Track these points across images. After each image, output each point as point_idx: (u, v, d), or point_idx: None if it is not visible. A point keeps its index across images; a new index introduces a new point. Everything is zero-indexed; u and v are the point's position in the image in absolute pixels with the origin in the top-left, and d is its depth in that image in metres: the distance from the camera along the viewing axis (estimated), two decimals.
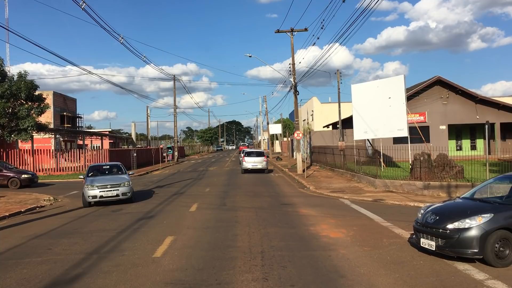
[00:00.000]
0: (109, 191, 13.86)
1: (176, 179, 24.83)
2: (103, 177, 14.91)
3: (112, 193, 13.89)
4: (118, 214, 12.49)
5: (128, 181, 14.52)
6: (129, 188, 14.37)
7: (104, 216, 12.31)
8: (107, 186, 13.99)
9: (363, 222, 10.53)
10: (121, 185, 14.16)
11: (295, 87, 25.51)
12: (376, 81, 22.61)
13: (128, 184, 14.35)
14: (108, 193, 13.84)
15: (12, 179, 21.75)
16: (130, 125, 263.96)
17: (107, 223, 11.12)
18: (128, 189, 14.30)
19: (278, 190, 18.04)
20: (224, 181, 22.65)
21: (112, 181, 14.39)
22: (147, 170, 33.73)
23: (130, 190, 14.38)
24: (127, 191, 14.24)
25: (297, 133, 25.49)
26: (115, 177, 15.01)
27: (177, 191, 17.99)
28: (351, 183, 19.25)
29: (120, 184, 14.17)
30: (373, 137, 22.73)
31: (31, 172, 23.82)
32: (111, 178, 14.88)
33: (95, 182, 14.17)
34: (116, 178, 14.72)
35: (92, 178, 14.63)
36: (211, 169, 33.51)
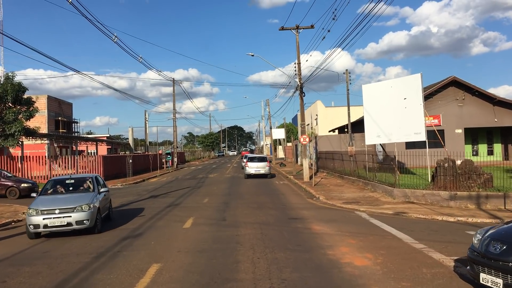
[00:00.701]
0: (57, 218, 9.75)
1: (173, 187, 23.06)
2: (56, 197, 10.97)
3: (62, 221, 9.76)
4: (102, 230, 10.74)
5: (89, 203, 10.23)
6: (89, 214, 10.03)
7: None
8: (55, 211, 9.85)
9: (390, 243, 8.72)
10: (76, 210, 9.91)
11: (301, 88, 23.79)
12: (389, 81, 20.85)
13: (89, 208, 10.08)
14: (56, 221, 9.73)
15: (10, 189, 20.07)
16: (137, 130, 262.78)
17: (84, 244, 9.36)
18: (87, 215, 9.98)
19: (284, 200, 16.24)
20: (225, 190, 20.86)
21: (65, 203, 10.24)
22: (144, 177, 31.99)
23: (89, 217, 10.04)
24: (84, 217, 9.92)
25: (303, 137, 23.74)
26: (74, 196, 10.80)
27: (172, 202, 16.21)
28: (365, 193, 17.44)
29: (75, 209, 9.93)
30: (387, 142, 20.92)
31: (31, 181, 22.04)
32: (66, 198, 10.77)
33: (41, 204, 10.21)
34: (72, 199, 10.55)
35: (43, 198, 10.82)
36: (211, 176, 31.72)
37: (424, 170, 19.72)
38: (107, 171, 30.24)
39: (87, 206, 10.12)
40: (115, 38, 23.35)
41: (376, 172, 20.16)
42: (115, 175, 31.63)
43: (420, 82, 19.34)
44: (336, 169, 26.63)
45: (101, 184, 12.20)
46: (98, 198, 10.89)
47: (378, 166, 21.37)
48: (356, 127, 34.09)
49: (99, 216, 10.63)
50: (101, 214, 10.83)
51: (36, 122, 44.64)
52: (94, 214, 10.23)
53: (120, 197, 19.18)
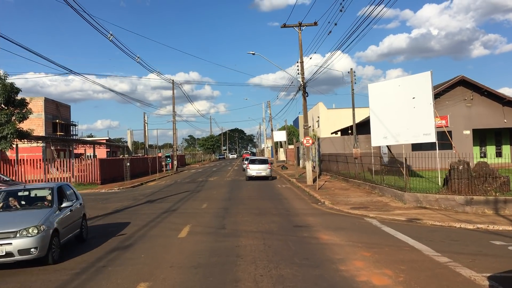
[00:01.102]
0: None
1: (171, 191, 22.13)
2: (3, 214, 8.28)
3: None
4: (87, 240, 9.80)
5: (39, 224, 7.54)
6: (38, 240, 7.33)
7: None
8: None
9: (409, 256, 7.77)
10: (20, 235, 7.31)
11: (303, 88, 22.88)
12: (397, 79, 19.93)
13: (38, 231, 7.40)
14: None
15: None
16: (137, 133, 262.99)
17: (62, 256, 8.41)
18: (35, 241, 7.30)
19: (287, 205, 15.29)
20: (225, 194, 19.91)
21: (5, 225, 7.58)
22: (142, 180, 31.06)
23: (39, 243, 7.33)
24: (30, 245, 7.26)
25: (306, 139, 22.80)
26: (21, 215, 8.17)
27: (168, 208, 15.27)
28: (372, 197, 16.48)
29: (17, 233, 7.32)
30: (394, 143, 19.98)
31: None
32: (10, 217, 8.04)
33: None
34: (17, 219, 7.87)
35: None
36: (211, 179, 30.77)
37: (432, 173, 18.76)
38: (104, 175, 29.34)
39: (35, 228, 7.40)
40: (110, 36, 22.52)
41: (380, 175, 19.25)
42: (112, 178, 30.73)
43: (430, 81, 18.43)
44: (340, 172, 25.67)
45: (66, 196, 9.41)
46: (56, 217, 8.24)
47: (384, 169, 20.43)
48: (360, 129, 33.15)
49: (57, 241, 7.91)
50: (60, 239, 8.08)
51: (33, 125, 43.81)
52: (46, 239, 7.47)
53: (115, 202, 18.27)
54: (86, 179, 28.14)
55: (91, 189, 25.30)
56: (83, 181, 28.03)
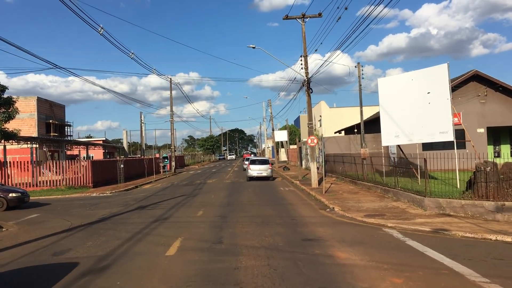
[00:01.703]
0: None
1: (166, 195, 20.56)
2: None
3: None
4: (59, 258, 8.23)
5: None
6: None
7: (34, 262, 8.02)
8: None
9: (452, 283, 6.19)
10: None
11: (308, 84, 21.29)
12: (410, 73, 18.34)
13: None
14: None
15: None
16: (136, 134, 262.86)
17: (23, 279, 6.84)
18: None
19: (293, 212, 13.69)
20: (223, 198, 18.33)
21: None
22: (138, 183, 29.49)
23: None
24: None
25: (311, 138, 21.23)
26: None
27: (160, 216, 13.69)
28: (386, 202, 14.90)
29: None
30: (407, 143, 18.41)
31: (21, 190, 19.06)
32: None
33: None
34: None
35: None
36: (209, 181, 29.17)
37: (446, 174, 17.21)
38: (97, 177, 27.77)
39: None
40: (101, 30, 21.08)
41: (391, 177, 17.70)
42: (106, 181, 29.17)
43: (446, 74, 16.88)
44: (346, 173, 24.10)
45: None
46: None
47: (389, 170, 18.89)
48: (367, 128, 31.56)
49: None
50: None
51: (25, 125, 42.28)
52: None
53: (103, 208, 16.71)
54: (77, 182, 26.57)
55: (82, 193, 23.73)
56: (74, 184, 26.46)
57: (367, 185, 19.13)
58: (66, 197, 22.37)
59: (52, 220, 14.06)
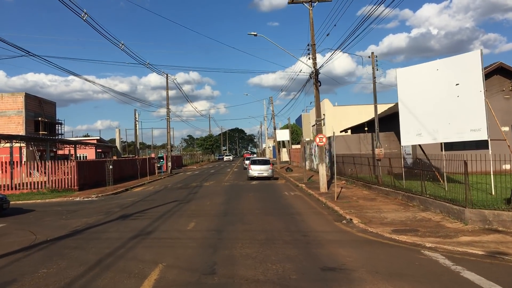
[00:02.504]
0: None
1: (156, 201, 18.24)
2: None
3: None
4: None
5: None
6: None
7: None
8: None
9: None
10: None
11: (316, 76, 18.97)
12: (435, 62, 16.00)
13: None
14: None
15: None
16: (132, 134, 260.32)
17: None
18: None
19: (303, 225, 11.35)
20: (220, 206, 15.99)
21: None
22: (128, 185, 27.17)
23: None
24: None
25: (319, 137, 18.91)
26: None
27: (142, 229, 11.36)
28: (413, 212, 12.56)
29: None
30: (431, 142, 16.08)
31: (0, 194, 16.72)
32: None
33: None
34: None
35: None
36: (206, 184, 26.79)
37: (473, 178, 14.85)
38: (84, 179, 25.48)
39: None
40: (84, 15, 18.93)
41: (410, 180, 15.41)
42: (95, 183, 26.87)
43: (479, 62, 14.52)
44: (358, 176, 21.79)
45: None
46: None
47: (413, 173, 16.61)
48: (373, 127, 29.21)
49: None
50: None
51: (12, 123, 39.98)
52: None
53: (81, 216, 14.41)
54: (62, 185, 24.27)
55: (64, 197, 21.43)
56: (58, 186, 24.15)
57: (384, 190, 16.81)
58: (45, 202, 20.09)
59: (16, 232, 11.79)
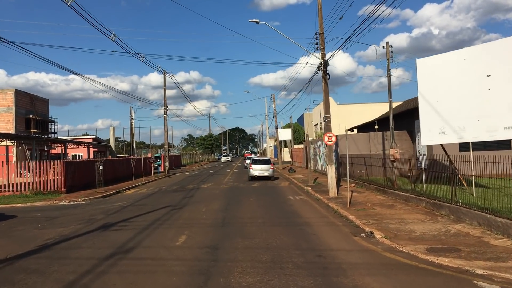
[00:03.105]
0: None
1: (146, 206, 16.36)
2: None
3: None
4: None
5: None
6: None
7: None
8: None
9: None
10: None
11: (324, 67, 17.07)
12: (462, 50, 14.08)
13: None
14: None
15: None
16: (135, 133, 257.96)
17: None
18: None
19: (316, 240, 9.45)
20: (218, 213, 14.09)
21: None
22: (121, 187, 25.30)
23: None
24: None
25: (328, 135, 17.02)
26: None
27: (122, 245, 9.48)
28: (444, 223, 10.66)
29: None
30: (457, 141, 14.18)
31: None
32: None
33: None
34: None
35: None
36: (204, 186, 24.86)
37: (496, 181, 12.96)
38: (72, 180, 23.62)
39: None
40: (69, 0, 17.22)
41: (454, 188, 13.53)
42: (84, 185, 25.02)
43: None
44: (369, 179, 19.91)
45: None
46: None
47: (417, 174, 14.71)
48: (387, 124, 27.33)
49: None
50: None
51: (1, 121, 38.13)
52: None
53: (58, 225, 12.56)
54: (48, 187, 22.42)
55: (48, 200, 19.58)
56: (44, 188, 22.31)
57: (402, 195, 14.92)
58: (26, 207, 18.22)
59: None
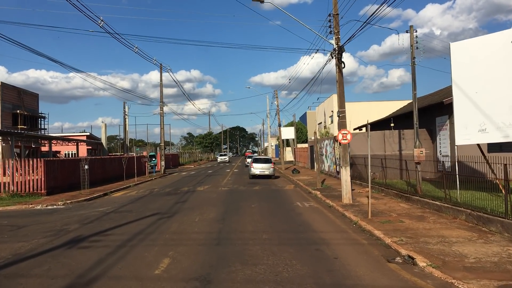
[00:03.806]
0: None
1: (131, 214, 14.07)
2: None
3: None
4: None
5: None
6: None
7: None
8: None
9: None
10: None
11: (339, 53, 14.74)
12: (510, 31, 11.76)
13: None
14: None
15: None
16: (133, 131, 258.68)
17: None
18: None
19: (340, 270, 7.12)
20: (213, 224, 11.77)
21: None
22: (109, 189, 23.02)
23: None
24: None
25: (342, 133, 14.71)
26: None
27: (82, 273, 7.17)
28: (501, 244, 8.34)
29: None
30: (502, 140, 11.85)
31: None
32: None
33: None
34: None
35: None
36: (200, 189, 22.50)
37: None
38: (55, 181, 21.37)
39: None
40: None
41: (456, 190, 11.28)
42: (68, 186, 22.78)
43: None
44: (386, 183, 17.61)
45: None
46: None
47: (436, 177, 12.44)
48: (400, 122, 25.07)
49: None
50: None
51: None
52: None
53: (19, 238, 10.31)
54: (26, 188, 20.15)
55: (24, 204, 17.32)
56: (22, 190, 20.04)
57: (431, 204, 12.62)
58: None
59: None
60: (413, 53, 15.20)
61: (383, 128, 25.74)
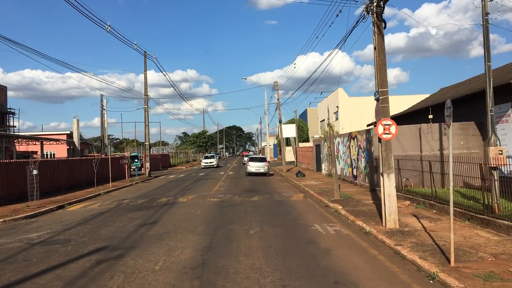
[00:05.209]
0: None
1: (66, 247, 9.19)
2: None
3: None
4: None
5: None
6: None
7: None
8: None
9: None
10: None
11: (377, 5, 9.91)
12: None
13: None
14: None
15: None
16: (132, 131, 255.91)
17: None
18: None
19: None
20: (183, 281, 6.92)
21: None
22: (70, 199, 18.15)
23: None
24: None
25: (384, 124, 9.94)
26: None
27: None
28: None
29: None
30: None
31: None
32: None
33: None
34: None
35: None
36: (182, 200, 17.42)
37: None
38: None
39: None
40: None
41: None
42: (17, 196, 18.02)
43: None
44: (437, 194, 12.77)
45: None
46: None
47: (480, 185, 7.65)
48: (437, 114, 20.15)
49: None
50: None
51: None
52: None
53: None
54: None
55: None
56: None
57: None
58: None
59: None
60: (485, 7, 10.36)
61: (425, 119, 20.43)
